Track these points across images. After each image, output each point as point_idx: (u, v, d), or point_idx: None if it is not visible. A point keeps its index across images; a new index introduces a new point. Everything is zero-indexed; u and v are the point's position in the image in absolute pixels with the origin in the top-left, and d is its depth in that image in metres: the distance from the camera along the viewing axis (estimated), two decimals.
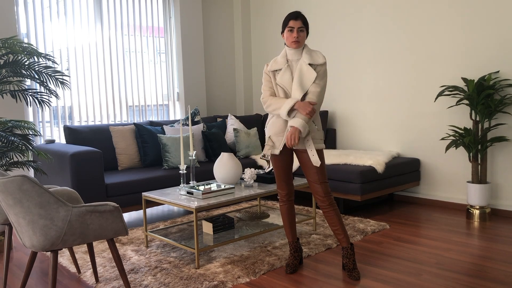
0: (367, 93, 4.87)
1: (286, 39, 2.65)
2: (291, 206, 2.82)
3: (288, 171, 2.77)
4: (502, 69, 3.86)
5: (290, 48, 2.66)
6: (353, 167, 4.02)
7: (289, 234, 2.83)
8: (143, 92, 5.28)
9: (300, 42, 2.62)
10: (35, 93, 3.55)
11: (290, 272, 2.74)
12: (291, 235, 2.83)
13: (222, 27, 6.04)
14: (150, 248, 3.28)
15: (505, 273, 2.66)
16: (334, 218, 2.64)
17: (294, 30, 2.61)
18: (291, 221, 2.83)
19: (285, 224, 2.84)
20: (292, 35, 2.62)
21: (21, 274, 2.89)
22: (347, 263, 2.68)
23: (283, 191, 2.79)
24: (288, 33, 2.63)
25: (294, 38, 2.61)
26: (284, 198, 2.80)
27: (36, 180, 2.07)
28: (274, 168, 2.77)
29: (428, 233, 3.49)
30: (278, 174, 2.77)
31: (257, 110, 6.22)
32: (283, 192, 2.79)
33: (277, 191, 2.85)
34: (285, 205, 2.82)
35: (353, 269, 2.65)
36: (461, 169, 4.20)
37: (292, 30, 2.61)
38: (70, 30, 4.67)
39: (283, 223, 2.85)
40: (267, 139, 2.72)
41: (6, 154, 3.37)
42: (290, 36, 2.62)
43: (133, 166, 4.42)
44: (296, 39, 2.61)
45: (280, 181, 2.78)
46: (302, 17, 2.63)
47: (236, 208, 4.43)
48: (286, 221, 2.83)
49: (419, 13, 4.37)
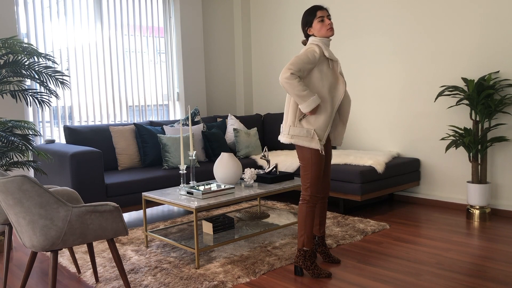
0: (367, 93, 4.87)
1: (319, 30, 2.59)
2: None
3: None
4: (502, 69, 3.86)
5: (323, 39, 2.61)
6: (353, 167, 4.02)
7: (318, 230, 2.91)
8: (143, 92, 5.28)
9: (334, 29, 2.63)
10: (35, 93, 3.55)
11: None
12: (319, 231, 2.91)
13: (222, 27, 6.04)
14: (150, 248, 3.28)
15: (505, 273, 2.66)
16: (326, 209, 2.91)
17: (325, 18, 2.59)
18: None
19: (312, 222, 2.65)
20: (325, 23, 2.58)
21: (21, 274, 2.89)
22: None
23: (318, 194, 2.65)
24: (320, 23, 2.58)
25: (329, 25, 2.58)
26: (317, 199, 2.66)
27: (36, 180, 2.07)
28: (315, 166, 2.58)
29: (428, 233, 3.49)
30: (319, 174, 2.61)
31: (257, 110, 6.22)
32: (318, 193, 2.65)
33: (310, 193, 2.62)
34: (315, 204, 2.66)
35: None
36: (461, 169, 4.20)
37: (323, 19, 2.58)
38: (70, 30, 4.67)
39: (310, 228, 2.64)
40: (312, 132, 2.55)
41: (6, 154, 3.37)
42: (323, 25, 2.58)
43: (133, 166, 4.42)
44: (331, 25, 2.59)
45: (319, 181, 2.63)
46: (325, 7, 2.64)
47: (236, 208, 4.43)
48: (313, 219, 2.68)
49: (419, 14, 4.37)
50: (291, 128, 2.59)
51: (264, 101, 6.09)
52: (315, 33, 2.62)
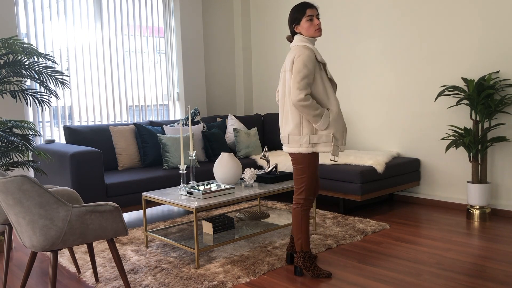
0: (367, 93, 4.87)
1: (307, 29, 2.52)
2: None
3: None
4: (502, 69, 3.86)
5: (311, 39, 2.56)
6: (353, 167, 4.02)
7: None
8: (143, 92, 5.28)
9: (321, 30, 2.55)
10: (35, 93, 3.55)
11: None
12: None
13: (222, 27, 6.04)
14: (150, 248, 3.28)
15: (505, 273, 2.66)
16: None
17: (314, 18, 2.52)
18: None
19: (308, 224, 2.64)
20: (314, 23, 2.51)
21: (21, 274, 2.89)
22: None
23: (311, 196, 2.63)
24: (308, 22, 2.51)
25: (318, 26, 2.52)
26: (310, 201, 2.64)
27: (36, 180, 2.07)
28: (312, 168, 2.57)
29: (428, 233, 3.49)
30: (315, 176, 2.60)
31: (257, 110, 6.22)
32: (311, 196, 2.64)
33: (305, 196, 2.60)
34: (310, 207, 2.65)
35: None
36: (461, 169, 4.20)
37: (312, 18, 2.51)
38: (70, 30, 4.67)
39: (306, 230, 2.64)
40: (331, 136, 2.50)
41: (6, 154, 3.37)
42: (312, 25, 2.51)
43: (133, 166, 4.42)
44: (319, 26, 2.52)
45: (313, 183, 2.61)
46: (315, 5, 2.57)
47: (236, 208, 4.43)
48: (308, 221, 2.66)
49: (419, 14, 4.37)
50: (311, 137, 2.51)
51: (264, 101, 6.09)
52: (303, 32, 2.55)
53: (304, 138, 2.51)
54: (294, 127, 2.53)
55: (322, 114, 2.47)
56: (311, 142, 2.50)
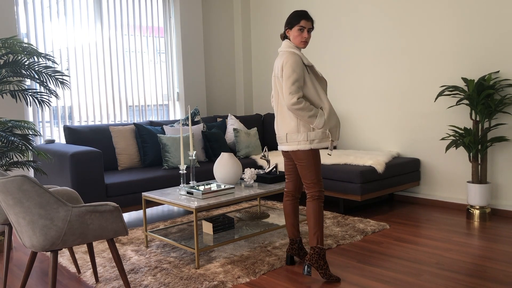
0: (367, 93, 4.87)
1: (295, 37, 2.63)
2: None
3: None
4: (502, 69, 3.86)
5: (297, 47, 2.67)
6: (353, 167, 4.02)
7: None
8: (143, 92, 5.28)
9: (307, 43, 2.66)
10: (35, 93, 3.55)
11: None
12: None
13: (222, 27, 6.04)
14: (150, 248, 3.28)
15: (505, 273, 2.66)
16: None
17: (305, 31, 2.62)
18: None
19: (323, 225, 2.72)
20: (303, 35, 2.62)
21: (21, 274, 2.89)
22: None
23: (323, 188, 2.70)
24: (298, 32, 2.62)
25: (305, 39, 2.63)
26: (323, 193, 2.70)
27: (36, 180, 2.07)
28: (315, 162, 2.63)
29: (428, 233, 3.49)
30: (320, 169, 2.66)
31: (257, 110, 6.22)
32: (323, 188, 2.70)
33: (319, 188, 2.64)
34: (324, 199, 2.72)
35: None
36: (461, 169, 4.20)
37: (303, 30, 2.62)
38: (70, 30, 4.67)
39: (322, 224, 2.71)
40: (327, 133, 2.60)
41: (6, 154, 3.37)
42: (300, 36, 2.62)
43: (133, 166, 4.42)
44: (306, 39, 2.63)
45: (321, 176, 2.68)
46: (312, 18, 2.66)
47: (236, 208, 4.43)
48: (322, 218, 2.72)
49: (419, 13, 4.37)
50: (308, 134, 2.58)
51: (264, 101, 6.09)
52: (291, 38, 2.66)
53: (301, 135, 2.60)
54: (292, 126, 2.62)
55: (317, 114, 2.56)
56: (309, 139, 2.59)
